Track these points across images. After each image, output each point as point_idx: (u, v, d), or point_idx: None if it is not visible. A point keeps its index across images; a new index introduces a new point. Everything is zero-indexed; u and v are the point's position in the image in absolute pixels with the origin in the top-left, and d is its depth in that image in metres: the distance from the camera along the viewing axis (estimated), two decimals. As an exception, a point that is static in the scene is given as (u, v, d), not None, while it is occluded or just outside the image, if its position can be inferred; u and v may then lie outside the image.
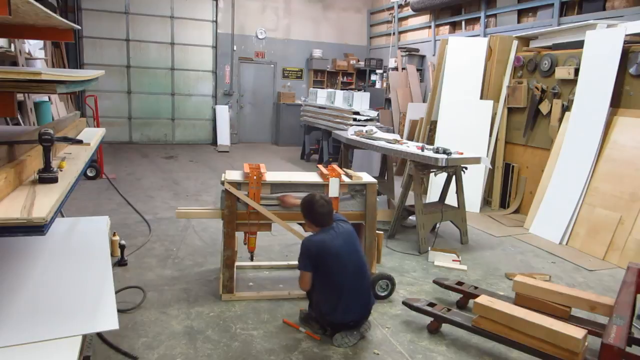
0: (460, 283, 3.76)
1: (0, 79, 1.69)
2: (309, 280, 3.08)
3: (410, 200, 5.22)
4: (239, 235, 3.78)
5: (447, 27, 9.96)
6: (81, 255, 2.81)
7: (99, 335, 2.90)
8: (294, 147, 11.61)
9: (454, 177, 5.10)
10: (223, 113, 11.89)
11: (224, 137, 11.49)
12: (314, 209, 3.08)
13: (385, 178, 6.27)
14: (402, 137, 7.44)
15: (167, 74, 11.62)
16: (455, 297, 3.76)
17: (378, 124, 8.20)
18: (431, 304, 3.30)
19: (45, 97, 6.85)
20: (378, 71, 11.72)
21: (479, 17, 8.86)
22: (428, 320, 3.27)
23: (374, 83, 11.89)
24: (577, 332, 2.62)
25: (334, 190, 3.61)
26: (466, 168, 5.06)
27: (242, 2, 11.98)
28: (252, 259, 3.84)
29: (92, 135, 3.35)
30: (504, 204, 6.84)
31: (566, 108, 5.96)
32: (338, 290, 3.01)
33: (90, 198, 6.31)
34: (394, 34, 11.69)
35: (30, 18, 2.43)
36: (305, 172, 4.42)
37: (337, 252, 3.00)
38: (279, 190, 3.61)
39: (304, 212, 3.17)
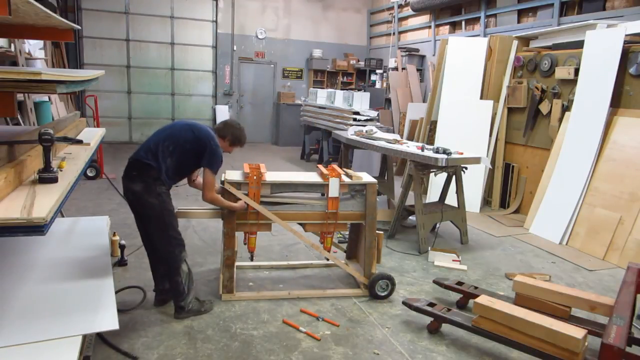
0: (460, 283, 3.76)
1: (0, 79, 1.69)
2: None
3: (410, 200, 5.22)
4: (239, 235, 3.78)
5: (447, 27, 9.96)
6: (81, 255, 2.81)
7: (99, 335, 2.89)
8: (294, 147, 11.61)
9: (454, 177, 5.10)
10: (223, 113, 11.89)
11: (223, 137, 11.49)
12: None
13: (385, 178, 6.26)
14: (402, 137, 7.44)
15: (167, 74, 11.63)
16: (455, 297, 3.76)
17: (378, 124, 8.19)
18: (431, 304, 3.30)
19: (45, 97, 6.85)
20: (378, 71, 11.71)
21: (479, 17, 8.86)
22: (428, 320, 3.28)
23: (374, 83, 11.88)
24: (577, 332, 2.62)
25: (334, 190, 3.60)
26: (466, 168, 5.06)
27: (242, 2, 11.98)
28: (252, 259, 3.84)
29: (92, 135, 3.36)
30: (504, 204, 6.84)
31: (566, 108, 5.96)
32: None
33: (90, 198, 6.31)
34: (394, 34, 11.69)
35: (30, 18, 2.44)
36: (305, 172, 4.42)
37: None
38: (278, 190, 3.61)
39: None
